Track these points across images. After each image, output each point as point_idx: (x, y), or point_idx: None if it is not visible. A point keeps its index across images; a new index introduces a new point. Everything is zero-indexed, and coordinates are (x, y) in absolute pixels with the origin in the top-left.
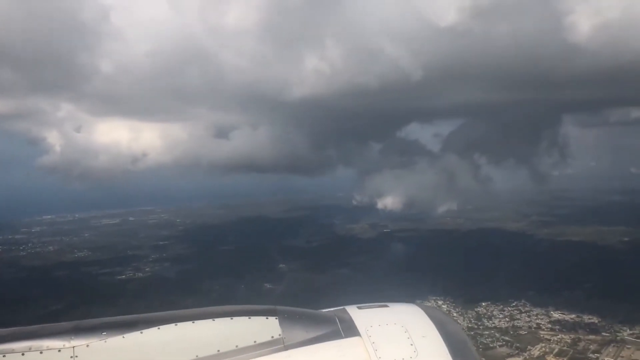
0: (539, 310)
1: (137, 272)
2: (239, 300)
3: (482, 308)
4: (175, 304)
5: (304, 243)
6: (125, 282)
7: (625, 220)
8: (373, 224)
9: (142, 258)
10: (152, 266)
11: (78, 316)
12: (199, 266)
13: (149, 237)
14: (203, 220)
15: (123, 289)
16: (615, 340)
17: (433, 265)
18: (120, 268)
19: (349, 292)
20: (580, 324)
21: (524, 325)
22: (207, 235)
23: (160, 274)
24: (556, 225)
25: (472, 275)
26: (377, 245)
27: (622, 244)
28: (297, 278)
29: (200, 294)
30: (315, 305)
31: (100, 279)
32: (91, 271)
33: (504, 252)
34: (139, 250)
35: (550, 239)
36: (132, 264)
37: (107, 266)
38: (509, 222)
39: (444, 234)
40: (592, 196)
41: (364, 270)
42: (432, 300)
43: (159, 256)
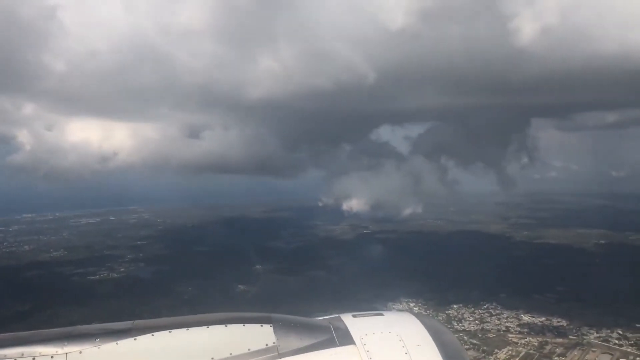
0: (509, 313)
1: (111, 273)
2: (209, 302)
3: (454, 310)
4: (146, 305)
5: (283, 244)
6: (97, 283)
7: (604, 223)
8: (354, 226)
9: (118, 258)
10: (127, 266)
11: (41, 318)
12: (174, 267)
13: (128, 237)
14: (183, 220)
15: (94, 289)
16: (582, 344)
17: (409, 267)
18: (94, 268)
19: (322, 294)
20: (549, 327)
21: (492, 328)
22: (186, 236)
23: (134, 274)
24: (536, 228)
25: (447, 277)
26: (355, 247)
27: (598, 247)
28: (272, 280)
29: (172, 296)
30: (287, 307)
31: (72, 279)
32: (64, 271)
33: (481, 255)
34: (116, 250)
35: (528, 242)
36: (107, 264)
37: (81, 266)
38: (490, 225)
39: (422, 236)
40: (573, 199)
41: (340, 272)
42: (404, 303)
43: (135, 256)
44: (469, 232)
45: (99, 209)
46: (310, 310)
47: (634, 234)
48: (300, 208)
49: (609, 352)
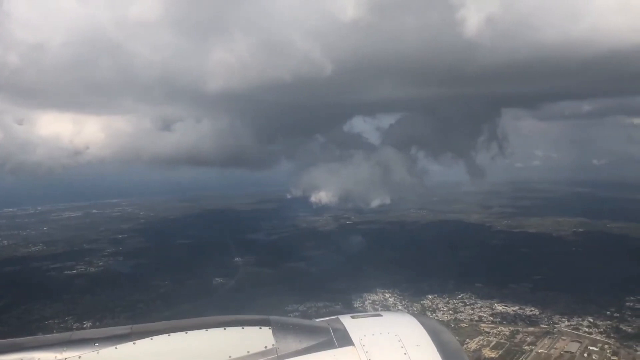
0: (483, 303)
1: (88, 267)
2: (184, 296)
3: (428, 301)
4: (120, 300)
5: (263, 236)
6: (74, 277)
7: (584, 211)
8: (336, 217)
9: (97, 252)
10: (106, 260)
11: (14, 314)
12: (153, 260)
13: (109, 231)
14: (166, 213)
15: (70, 284)
16: (552, 332)
17: (387, 258)
18: (72, 263)
19: (299, 286)
20: (521, 316)
21: (466, 318)
22: (167, 229)
23: (113, 268)
24: (516, 216)
25: (425, 267)
26: (335, 238)
27: (576, 235)
28: (250, 272)
29: (148, 290)
30: (261, 299)
31: (49, 274)
32: (42, 266)
33: (460, 244)
34: (96, 244)
35: (507, 231)
36: (86, 258)
37: (59, 261)
38: (472, 214)
39: (403, 226)
40: (554, 188)
41: (318, 264)
42: (380, 293)
43: (114, 250)
44: (450, 222)
45: (82, 202)
46: (284, 302)
47: (612, 221)
48: (273, 200)
49: (578, 340)
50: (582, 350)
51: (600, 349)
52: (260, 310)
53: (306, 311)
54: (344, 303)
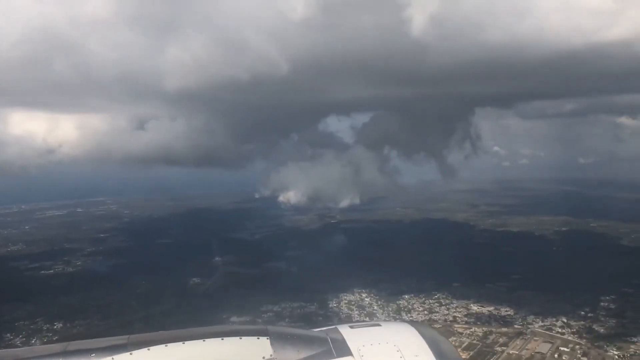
0: (459, 303)
1: (66, 267)
2: (159, 296)
3: (404, 301)
4: (94, 301)
5: (247, 235)
6: (50, 278)
7: (568, 209)
8: (320, 215)
9: (77, 251)
10: (85, 260)
11: None
12: (132, 260)
13: (91, 230)
14: (151, 212)
15: (45, 285)
16: (525, 333)
17: (368, 257)
18: (50, 262)
19: (276, 286)
20: (496, 317)
21: (440, 319)
22: (150, 228)
23: (90, 268)
24: (501, 215)
25: (404, 267)
26: (317, 238)
27: (558, 235)
28: (229, 272)
29: (125, 290)
30: (236, 300)
31: (26, 274)
32: (19, 266)
33: (442, 243)
34: (76, 244)
35: (491, 230)
36: (65, 257)
37: (38, 260)
38: (457, 213)
39: (387, 225)
40: (541, 186)
41: (298, 264)
42: (357, 293)
43: (94, 249)
44: (434, 221)
45: (67, 200)
46: (260, 303)
47: (596, 220)
48: (243, 200)
49: (550, 341)
50: (553, 351)
51: (571, 349)
52: (233, 311)
53: (281, 312)
54: (319, 303)
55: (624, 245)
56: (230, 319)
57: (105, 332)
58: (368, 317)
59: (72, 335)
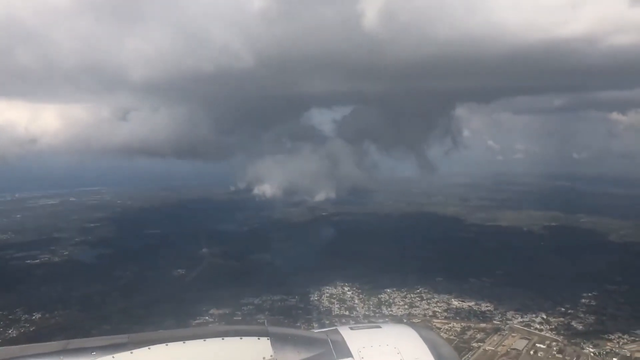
0: (440, 298)
1: (52, 257)
2: (142, 287)
3: (386, 295)
4: (76, 291)
5: (236, 227)
6: (35, 267)
7: (560, 205)
8: (311, 208)
9: (64, 241)
10: (71, 250)
11: None
12: (118, 251)
13: (81, 219)
14: (143, 202)
15: (29, 274)
16: (504, 329)
17: (354, 250)
18: (36, 252)
19: (259, 279)
20: (476, 312)
21: (420, 313)
22: (141, 218)
23: (76, 258)
24: (491, 209)
25: (389, 260)
26: (306, 230)
27: (546, 230)
28: (214, 264)
29: (108, 281)
30: (217, 291)
31: (11, 263)
32: (5, 255)
33: (430, 237)
34: (65, 233)
35: (479, 224)
36: (51, 247)
37: (24, 250)
38: (448, 207)
39: (376, 218)
40: (534, 181)
41: (283, 256)
42: (339, 287)
43: (82, 239)
44: (425, 214)
45: (62, 189)
46: (241, 295)
47: (586, 216)
48: (218, 193)
49: (527, 337)
50: (529, 348)
51: (548, 346)
52: (213, 303)
53: (261, 304)
54: (300, 297)
55: (611, 241)
56: (209, 311)
57: (82, 324)
58: (348, 310)
59: (49, 326)
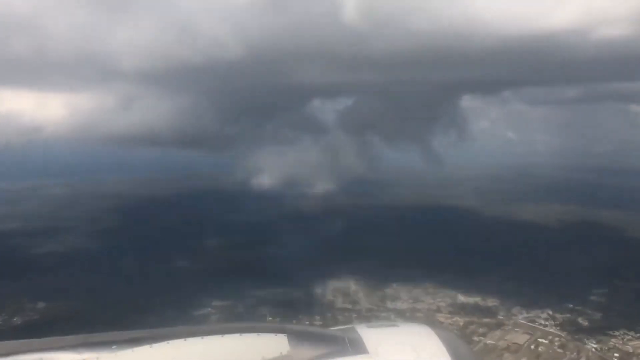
0: (446, 293)
1: (59, 246)
2: (143, 278)
3: (392, 289)
4: (78, 281)
5: (246, 217)
6: (40, 257)
7: (580, 198)
8: (324, 198)
9: (73, 230)
10: (77, 239)
11: None
12: (126, 241)
13: (90, 208)
14: (156, 191)
15: (34, 263)
16: (507, 324)
17: (364, 244)
18: (42, 241)
19: (262, 272)
20: (481, 307)
21: (424, 308)
22: (151, 207)
23: (83, 248)
24: (510, 203)
25: (399, 253)
26: (316, 222)
27: (563, 224)
28: (219, 255)
29: (109, 271)
30: (218, 283)
31: (17, 252)
32: (12, 244)
33: (443, 231)
34: (73, 222)
35: (495, 217)
36: (58, 236)
37: (32, 238)
38: (466, 200)
39: (392, 211)
40: (556, 173)
41: (291, 249)
42: (344, 280)
43: (89, 228)
44: (441, 207)
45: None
46: (242, 288)
47: (606, 210)
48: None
49: (529, 332)
50: (531, 343)
51: (550, 341)
52: (216, 295)
53: (264, 297)
54: (305, 290)
55: (627, 237)
56: (212, 302)
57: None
58: (351, 304)
59: (52, 315)
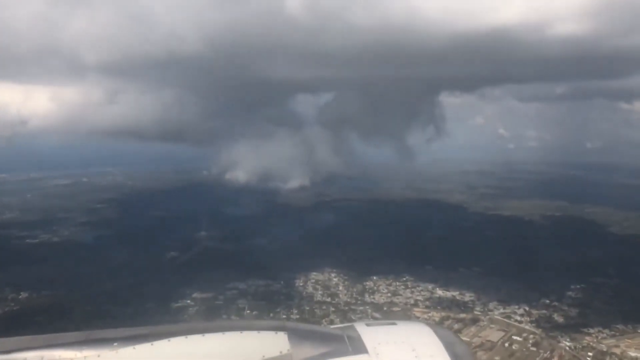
0: (425, 287)
1: (52, 237)
2: (133, 269)
3: (371, 282)
4: (66, 271)
5: (239, 210)
6: (33, 247)
7: (567, 194)
8: (317, 193)
9: (68, 221)
10: (72, 230)
11: None
12: (119, 232)
13: (89, 200)
14: (154, 184)
15: (26, 254)
16: (483, 320)
17: (349, 237)
18: (38, 231)
19: (251, 263)
20: (458, 302)
21: (401, 302)
22: (147, 200)
23: (75, 238)
24: (497, 198)
25: (382, 247)
26: (307, 215)
27: (547, 220)
28: (208, 247)
29: (100, 262)
30: (204, 274)
31: (11, 242)
32: (7, 234)
33: (428, 225)
34: (70, 213)
35: (481, 213)
36: (54, 227)
37: (27, 229)
38: (454, 194)
39: (379, 205)
40: (546, 169)
41: (279, 241)
42: (326, 273)
43: (86, 220)
44: (428, 202)
45: (77, 170)
46: (227, 279)
47: (592, 206)
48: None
49: (504, 329)
50: (505, 340)
51: (524, 339)
52: (198, 287)
53: (246, 289)
54: (286, 282)
55: (612, 233)
56: (192, 294)
57: (65, 305)
58: (330, 297)
59: (33, 305)
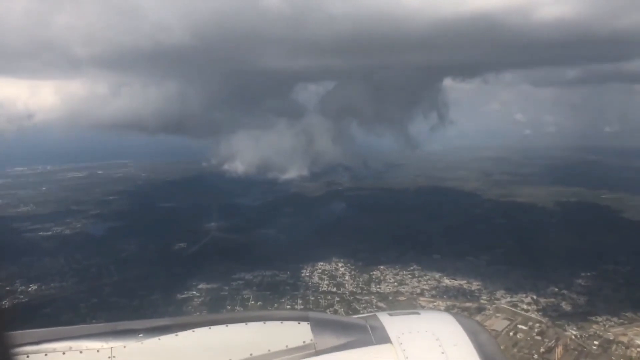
0: (432, 275)
1: (65, 229)
2: (141, 260)
3: (378, 272)
4: (76, 263)
5: (249, 201)
6: (45, 239)
7: (584, 180)
8: (328, 182)
9: (81, 213)
10: (84, 222)
11: None
12: (129, 224)
13: (102, 192)
14: (167, 175)
15: (38, 246)
16: (489, 309)
17: (358, 226)
18: (51, 224)
19: (258, 254)
20: (465, 291)
21: (407, 291)
22: (160, 191)
23: (87, 231)
24: (512, 185)
25: (392, 236)
26: (317, 205)
27: (560, 206)
28: (217, 238)
29: (109, 253)
30: (210, 265)
31: (24, 235)
32: (21, 227)
33: (439, 213)
34: (83, 205)
35: (494, 200)
36: (67, 219)
37: (41, 221)
38: (469, 181)
39: (392, 193)
40: (563, 155)
41: (288, 231)
42: (333, 263)
43: (98, 212)
44: (441, 189)
45: (93, 162)
46: (233, 270)
47: (609, 192)
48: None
49: (510, 318)
50: (510, 329)
51: (530, 328)
52: (203, 278)
53: (251, 280)
54: (292, 272)
55: (624, 218)
56: (198, 285)
57: (72, 296)
58: (336, 287)
59: (41, 297)
